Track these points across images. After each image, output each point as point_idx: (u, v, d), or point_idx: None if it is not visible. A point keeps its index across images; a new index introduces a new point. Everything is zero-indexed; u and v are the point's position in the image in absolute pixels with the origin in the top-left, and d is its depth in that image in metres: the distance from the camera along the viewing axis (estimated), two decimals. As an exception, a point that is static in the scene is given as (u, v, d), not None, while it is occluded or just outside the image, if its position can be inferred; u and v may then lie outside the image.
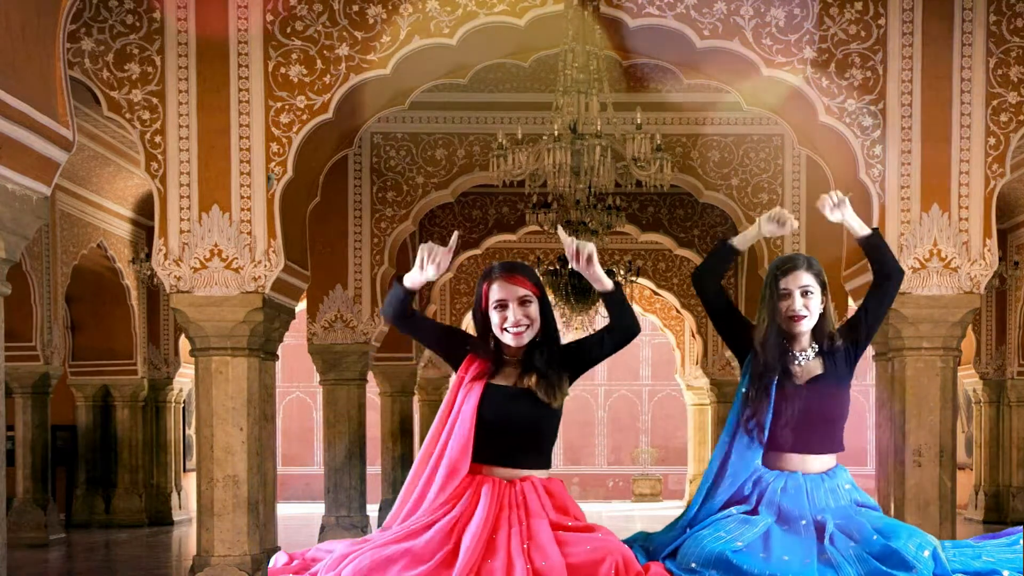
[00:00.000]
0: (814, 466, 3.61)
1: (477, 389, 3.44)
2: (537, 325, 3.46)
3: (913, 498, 7.22)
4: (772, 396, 3.56)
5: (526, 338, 3.45)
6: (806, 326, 3.62)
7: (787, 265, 3.64)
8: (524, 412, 3.43)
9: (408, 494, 3.45)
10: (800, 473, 3.59)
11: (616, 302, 3.53)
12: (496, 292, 3.45)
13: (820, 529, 3.49)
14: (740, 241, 3.74)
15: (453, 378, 3.60)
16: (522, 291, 3.43)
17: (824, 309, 3.64)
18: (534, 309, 3.45)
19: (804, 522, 3.49)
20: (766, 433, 3.57)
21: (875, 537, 3.43)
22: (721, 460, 3.62)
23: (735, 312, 3.77)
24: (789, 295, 3.60)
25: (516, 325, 3.42)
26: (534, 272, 3.53)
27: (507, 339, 3.45)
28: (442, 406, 3.51)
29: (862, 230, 3.70)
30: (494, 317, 3.45)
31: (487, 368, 3.49)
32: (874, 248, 3.72)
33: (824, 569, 3.37)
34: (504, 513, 3.34)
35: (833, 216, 3.66)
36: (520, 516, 3.34)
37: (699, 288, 3.77)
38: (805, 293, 3.59)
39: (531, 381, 3.45)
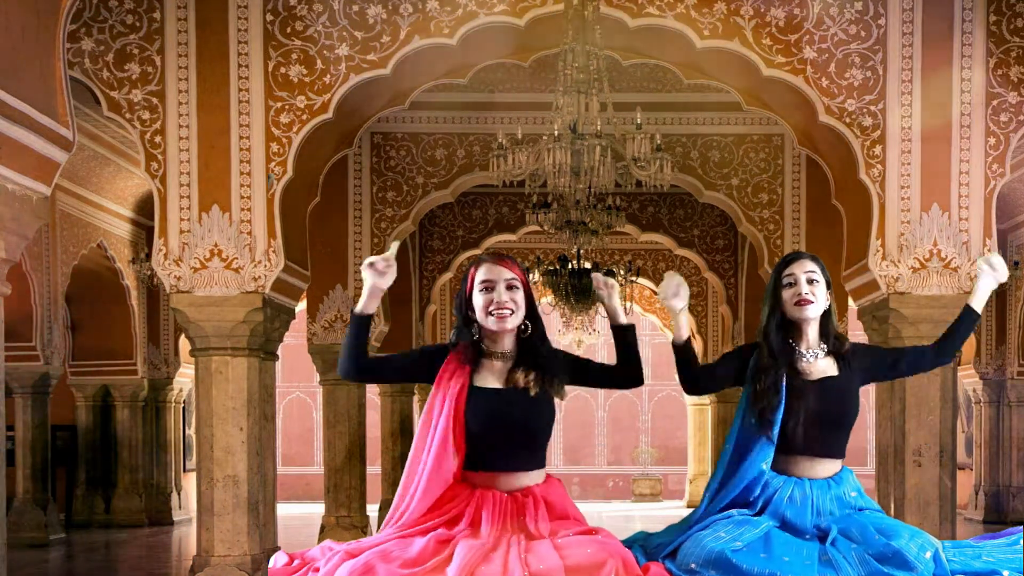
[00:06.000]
0: (822, 472, 3.60)
1: (455, 388, 3.36)
2: (522, 313, 3.40)
3: (913, 498, 7.22)
4: (783, 391, 3.54)
5: (509, 324, 3.38)
6: (813, 312, 3.60)
7: (791, 257, 3.70)
8: (515, 414, 3.37)
9: (400, 501, 3.41)
10: (807, 480, 3.57)
11: (627, 344, 3.58)
12: (483, 273, 3.39)
13: (822, 536, 3.49)
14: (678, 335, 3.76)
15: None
16: (509, 274, 3.39)
17: (828, 306, 3.65)
18: (520, 296, 3.39)
19: (807, 536, 3.49)
20: (776, 429, 3.53)
21: (877, 537, 3.43)
22: (728, 464, 3.60)
23: (732, 367, 3.73)
24: (795, 282, 3.61)
25: (501, 307, 3.35)
26: (521, 265, 3.50)
27: (491, 323, 3.37)
28: (424, 412, 3.42)
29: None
30: (479, 300, 3.38)
31: (467, 367, 3.40)
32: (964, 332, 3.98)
33: (824, 569, 3.37)
34: (505, 536, 3.30)
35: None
36: (519, 538, 3.30)
37: (704, 391, 3.87)
38: (811, 281, 3.61)
39: (525, 378, 3.39)
